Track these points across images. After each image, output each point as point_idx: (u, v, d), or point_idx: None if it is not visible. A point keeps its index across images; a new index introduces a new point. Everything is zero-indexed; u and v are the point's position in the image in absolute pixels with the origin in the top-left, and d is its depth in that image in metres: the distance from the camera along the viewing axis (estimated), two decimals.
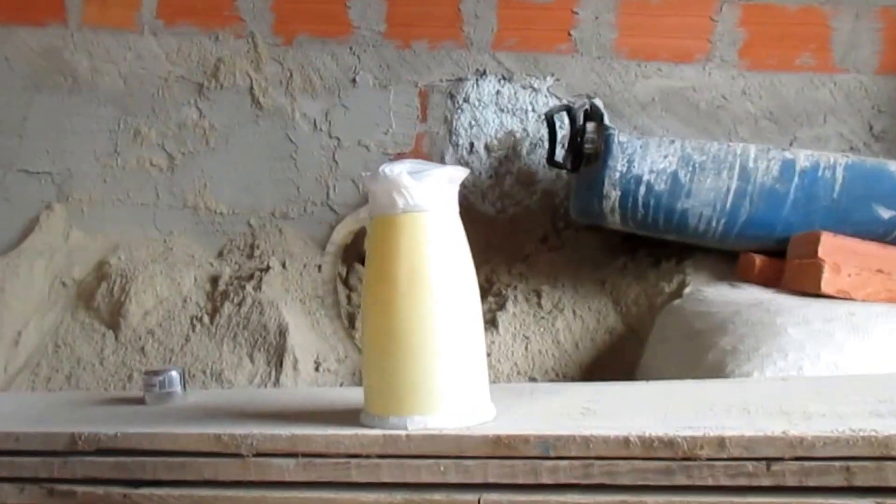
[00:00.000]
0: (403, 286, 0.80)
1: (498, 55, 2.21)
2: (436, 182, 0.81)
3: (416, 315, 0.80)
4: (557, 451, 0.75)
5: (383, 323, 0.81)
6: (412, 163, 0.82)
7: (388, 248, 0.81)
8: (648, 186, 1.72)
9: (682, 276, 1.87)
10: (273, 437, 0.79)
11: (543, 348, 1.86)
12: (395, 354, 0.80)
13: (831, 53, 2.16)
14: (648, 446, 0.74)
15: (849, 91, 2.16)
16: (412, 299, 0.80)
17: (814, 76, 2.16)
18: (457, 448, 0.76)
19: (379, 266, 0.82)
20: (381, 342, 0.82)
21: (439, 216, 0.82)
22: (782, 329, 1.32)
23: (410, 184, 0.80)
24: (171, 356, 1.80)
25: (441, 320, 0.80)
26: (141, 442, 0.81)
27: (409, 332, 0.80)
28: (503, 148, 2.20)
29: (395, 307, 0.80)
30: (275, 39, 2.26)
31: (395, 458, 0.77)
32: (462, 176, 0.84)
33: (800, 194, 1.72)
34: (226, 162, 2.25)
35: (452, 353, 0.81)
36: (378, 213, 0.83)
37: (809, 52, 2.16)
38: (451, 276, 0.82)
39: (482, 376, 0.85)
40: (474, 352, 0.83)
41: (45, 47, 2.26)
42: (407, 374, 0.80)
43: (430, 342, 0.80)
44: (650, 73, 2.19)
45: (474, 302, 0.84)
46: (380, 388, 0.82)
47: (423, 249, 0.81)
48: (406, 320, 0.80)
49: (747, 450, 0.72)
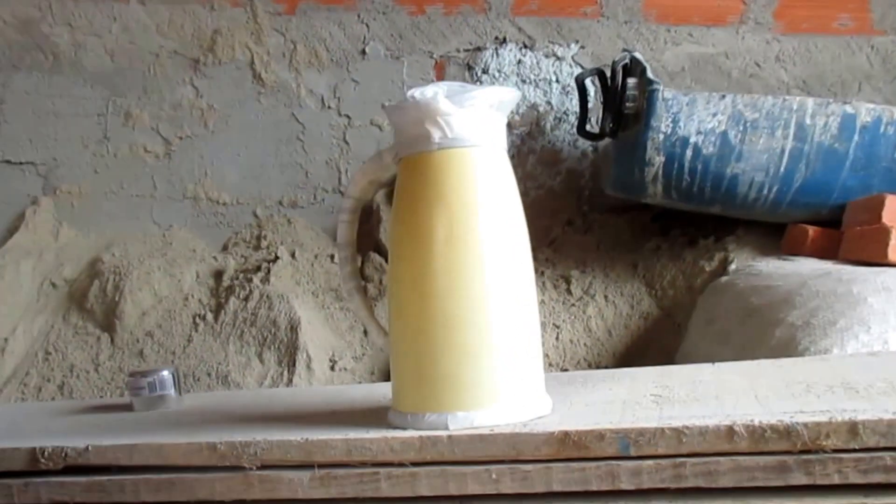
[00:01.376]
0: (442, 245, 0.63)
1: (518, 21, 2.08)
2: (482, 107, 0.63)
3: (460, 283, 0.63)
4: (640, 449, 0.60)
5: (416, 293, 0.64)
6: (449, 85, 0.64)
7: (422, 195, 0.63)
8: (696, 150, 1.57)
9: (724, 254, 1.75)
10: (282, 444, 0.64)
11: (575, 337, 1.74)
12: (432, 335, 0.64)
13: (870, 14, 2.05)
14: (759, 437, 0.59)
15: (886, 55, 2.05)
16: (454, 262, 0.63)
17: (851, 40, 2.05)
18: (512, 450, 0.61)
19: (410, 220, 0.65)
20: (413, 319, 0.65)
21: (488, 153, 0.65)
22: (861, 299, 1.16)
23: (450, 109, 0.62)
24: (172, 359, 1.66)
25: (491, 289, 0.63)
26: (118, 456, 0.66)
27: (451, 304, 0.63)
28: (526, 124, 2.09)
29: (431, 273, 0.63)
30: (276, 8, 2.11)
31: (436, 464, 0.62)
32: (514, 99, 0.66)
33: (859, 154, 1.59)
34: (227, 146, 2.11)
35: (504, 331, 0.65)
36: (407, 152, 0.65)
37: (848, 12, 2.05)
38: (502, 233, 0.64)
39: (537, 360, 0.69)
40: (529, 329, 0.67)
41: (21, 19, 2.10)
42: (447, 359, 0.64)
43: (476, 318, 0.63)
44: (681, 38, 2.07)
45: (528, 266, 0.67)
46: (413, 378, 0.66)
47: (467, 197, 0.63)
48: (446, 290, 0.63)
49: (886, 437, 0.57)
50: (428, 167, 0.64)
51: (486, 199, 0.64)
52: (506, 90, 0.65)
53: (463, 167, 0.63)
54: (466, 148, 0.63)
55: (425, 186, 0.64)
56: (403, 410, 0.66)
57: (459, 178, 0.63)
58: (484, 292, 0.64)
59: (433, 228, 0.63)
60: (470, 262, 0.63)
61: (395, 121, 0.66)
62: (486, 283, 0.64)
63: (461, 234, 0.63)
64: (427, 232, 0.63)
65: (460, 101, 0.62)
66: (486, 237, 0.64)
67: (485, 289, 0.64)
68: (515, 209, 0.67)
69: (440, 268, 0.63)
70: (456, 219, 0.63)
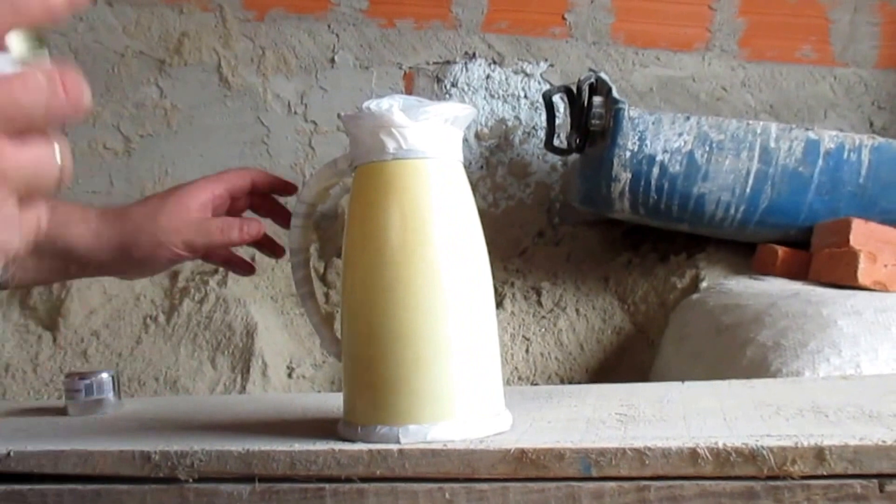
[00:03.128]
0: (394, 254, 0.61)
1: (488, 37, 2.08)
2: (436, 121, 0.63)
3: (412, 291, 0.61)
4: (601, 470, 0.57)
5: (368, 301, 0.62)
6: (406, 98, 0.64)
7: (376, 204, 0.62)
8: (662, 168, 1.56)
9: (695, 271, 1.74)
10: (221, 454, 0.59)
11: (546, 350, 1.71)
12: (383, 344, 0.61)
13: (831, 47, 2.10)
14: (723, 461, 0.56)
15: (849, 86, 2.09)
16: (406, 269, 0.61)
17: (814, 69, 2.09)
18: (467, 467, 0.57)
19: (363, 229, 0.63)
20: (365, 328, 0.62)
21: (442, 164, 0.64)
22: (831, 321, 1.15)
23: (404, 122, 0.62)
24: (117, 360, 1.60)
25: (444, 299, 0.61)
26: (42, 463, 0.61)
27: (404, 314, 0.61)
28: (494, 137, 2.08)
29: (383, 280, 0.61)
30: (246, 14, 2.08)
31: (385, 481, 0.58)
32: (470, 115, 0.66)
33: (824, 178, 1.59)
34: (189, 146, 2.06)
35: (459, 343, 0.62)
36: (362, 161, 0.64)
37: (810, 44, 2.09)
38: (457, 243, 0.63)
39: (496, 372, 0.66)
40: (486, 341, 0.64)
41: None
42: (400, 370, 0.61)
43: (429, 328, 0.61)
44: (648, 61, 2.10)
45: (485, 276, 0.65)
46: (364, 388, 0.63)
47: (421, 206, 0.62)
48: (398, 299, 0.61)
49: (853, 464, 0.55)
50: (382, 176, 0.63)
51: (440, 209, 0.63)
52: (461, 106, 0.65)
53: (417, 177, 0.63)
54: (420, 159, 0.63)
55: (379, 195, 0.63)
56: (354, 422, 0.63)
57: (413, 188, 0.63)
58: (437, 302, 0.61)
59: (386, 236, 0.62)
60: (422, 270, 0.61)
61: (351, 130, 0.65)
62: (439, 292, 0.61)
63: (414, 243, 0.62)
64: (380, 240, 0.62)
65: (415, 114, 0.62)
66: (440, 247, 0.62)
67: (438, 299, 0.61)
68: (470, 219, 0.66)
69: (392, 275, 0.61)
70: (409, 227, 0.62)
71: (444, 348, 0.61)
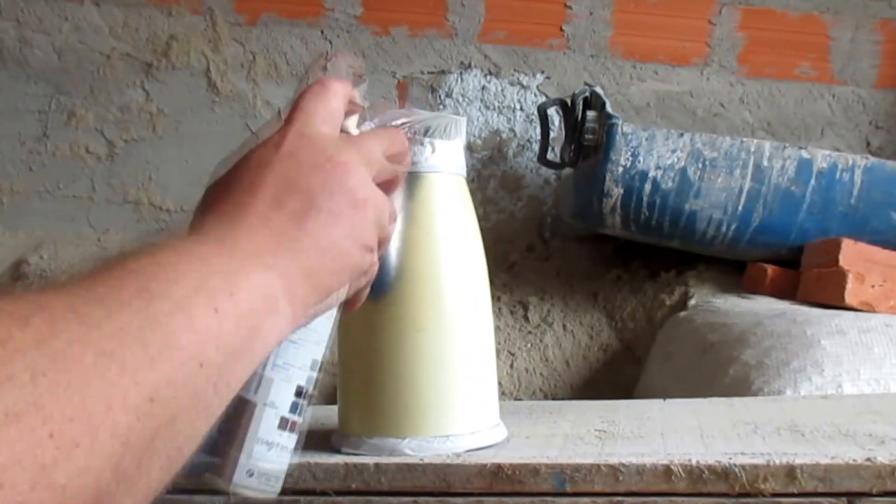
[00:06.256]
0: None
1: (484, 48, 2.07)
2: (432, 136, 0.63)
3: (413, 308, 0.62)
4: (576, 486, 0.57)
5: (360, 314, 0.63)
6: (402, 111, 0.63)
7: None
8: (655, 184, 1.56)
9: (684, 288, 1.74)
10: (195, 465, 0.59)
11: (531, 366, 1.70)
12: (379, 356, 0.62)
13: (830, 65, 2.10)
14: (696, 478, 0.56)
15: (847, 104, 2.09)
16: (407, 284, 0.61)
17: (812, 87, 2.09)
18: (442, 481, 0.58)
19: None
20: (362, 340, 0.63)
21: (446, 179, 0.64)
22: (815, 341, 1.16)
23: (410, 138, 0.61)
24: None
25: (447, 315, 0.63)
26: None
27: (390, 330, 0.62)
28: (488, 148, 2.07)
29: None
30: (237, 18, 2.05)
31: (361, 494, 0.58)
32: (462, 127, 0.65)
33: (816, 198, 1.60)
34: (175, 152, 2.03)
35: (462, 357, 0.63)
36: None
37: (809, 61, 2.09)
38: (454, 256, 0.64)
39: (491, 388, 0.66)
40: (485, 355, 0.65)
41: None
42: (387, 385, 0.61)
43: (433, 343, 0.62)
44: (646, 75, 2.09)
45: (485, 292, 0.66)
46: (359, 399, 0.64)
47: (422, 221, 0.62)
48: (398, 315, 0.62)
49: (824, 482, 0.55)
50: None
51: (442, 223, 0.64)
52: (458, 120, 0.64)
53: (419, 191, 0.63)
54: (425, 173, 0.63)
55: None
56: (347, 433, 0.63)
57: (414, 202, 0.63)
58: (441, 320, 0.62)
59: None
60: (422, 285, 0.62)
61: None
62: (441, 309, 0.62)
63: (408, 256, 0.62)
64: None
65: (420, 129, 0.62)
66: (437, 260, 0.63)
67: (441, 316, 0.62)
68: (472, 231, 0.66)
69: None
70: (408, 238, 0.62)
71: (446, 364, 0.62)
